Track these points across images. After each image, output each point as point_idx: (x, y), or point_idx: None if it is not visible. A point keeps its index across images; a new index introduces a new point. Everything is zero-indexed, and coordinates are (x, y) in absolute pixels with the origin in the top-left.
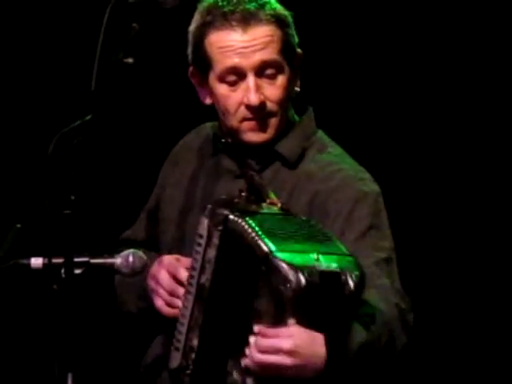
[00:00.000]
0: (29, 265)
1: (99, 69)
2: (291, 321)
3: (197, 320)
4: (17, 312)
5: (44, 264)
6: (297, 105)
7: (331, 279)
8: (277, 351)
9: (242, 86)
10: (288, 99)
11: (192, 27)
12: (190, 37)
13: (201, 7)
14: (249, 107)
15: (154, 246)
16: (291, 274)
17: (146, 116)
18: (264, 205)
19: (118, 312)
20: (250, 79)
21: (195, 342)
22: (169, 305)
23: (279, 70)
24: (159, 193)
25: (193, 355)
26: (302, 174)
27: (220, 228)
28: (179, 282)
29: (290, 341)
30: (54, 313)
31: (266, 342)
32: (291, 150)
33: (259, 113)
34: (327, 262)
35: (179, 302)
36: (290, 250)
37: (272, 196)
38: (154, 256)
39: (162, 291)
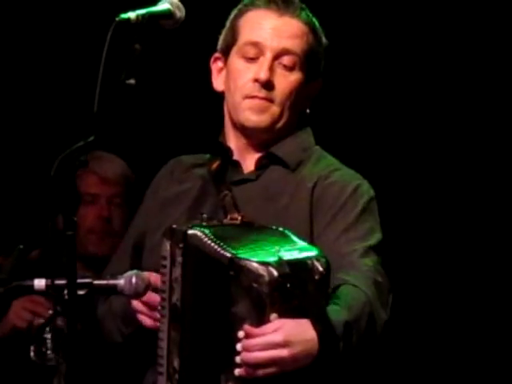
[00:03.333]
0: (32, 286)
1: (101, 90)
2: (273, 315)
3: (174, 341)
4: (19, 332)
5: (47, 285)
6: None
7: (299, 266)
8: (270, 346)
9: (258, 63)
10: (292, 103)
11: (232, 14)
12: (228, 22)
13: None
14: (256, 81)
15: None
16: (261, 269)
17: (148, 136)
18: (225, 220)
19: (106, 344)
20: (268, 57)
21: (176, 363)
22: (152, 318)
23: (296, 66)
24: (144, 222)
25: (176, 376)
26: (303, 174)
27: (181, 245)
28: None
29: (280, 333)
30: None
31: (255, 341)
32: (290, 155)
33: (263, 91)
34: (290, 253)
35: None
36: (252, 250)
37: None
38: None
39: (141, 307)
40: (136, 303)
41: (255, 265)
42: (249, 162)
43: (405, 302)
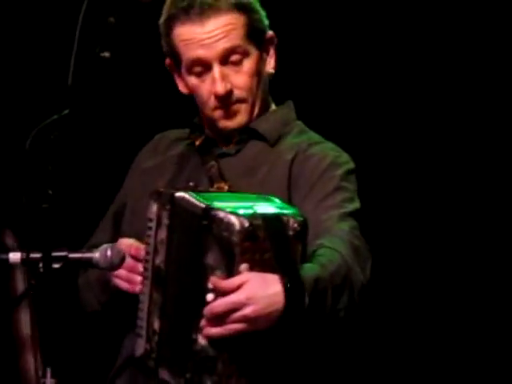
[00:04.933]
0: (7, 260)
1: (76, 63)
2: (243, 266)
3: (156, 302)
4: None
5: (22, 259)
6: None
7: (273, 220)
8: (233, 306)
9: (209, 76)
10: (259, 83)
11: (161, 20)
12: (160, 30)
13: (167, 0)
14: (217, 97)
15: None
16: (233, 219)
17: (123, 110)
18: (211, 189)
19: (84, 315)
20: (215, 69)
21: (156, 325)
22: (129, 282)
23: (245, 55)
24: (125, 194)
25: (156, 338)
26: (282, 148)
27: (168, 207)
28: (137, 259)
29: (242, 291)
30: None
31: (218, 303)
32: (269, 130)
33: (227, 101)
34: (265, 208)
35: (138, 278)
36: (229, 204)
37: (221, 184)
38: None
39: (120, 270)
40: None
41: (227, 214)
42: (227, 138)
43: (404, 300)
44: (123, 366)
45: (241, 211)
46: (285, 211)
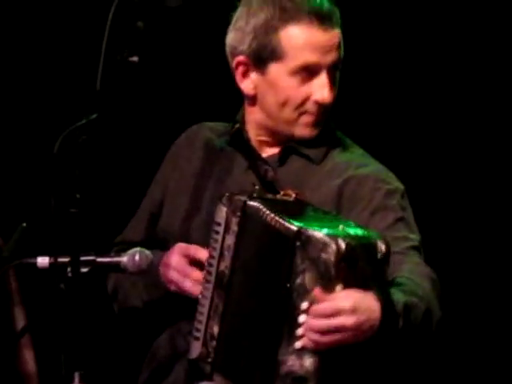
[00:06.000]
0: (35, 264)
1: (104, 68)
2: (339, 286)
3: (217, 308)
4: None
5: (50, 263)
6: None
7: (365, 242)
8: (338, 312)
9: (313, 81)
10: None
11: (260, 17)
12: (254, 26)
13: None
14: (319, 103)
15: (152, 247)
16: (329, 241)
17: (151, 115)
18: (278, 196)
19: (120, 311)
20: (325, 76)
21: (216, 330)
22: (180, 287)
23: (339, 69)
24: (161, 191)
25: (213, 343)
26: (328, 168)
27: (238, 214)
28: (192, 263)
29: (349, 299)
30: (60, 312)
31: (324, 306)
32: (314, 150)
33: (324, 109)
34: (354, 230)
35: (189, 284)
36: (316, 223)
37: (287, 190)
38: (158, 253)
39: (173, 273)
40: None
41: (323, 236)
42: (268, 149)
43: None
44: (165, 364)
45: (335, 232)
46: (371, 233)
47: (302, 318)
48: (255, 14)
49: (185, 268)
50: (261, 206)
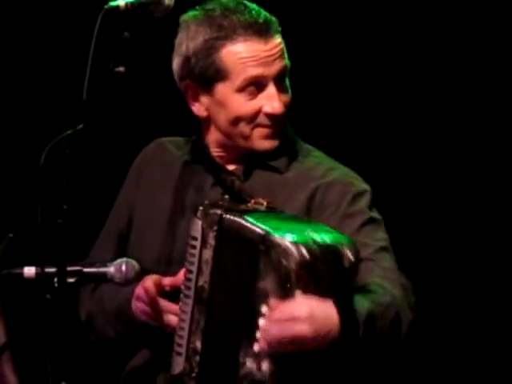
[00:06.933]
0: (21, 274)
1: (91, 78)
2: (298, 292)
3: (198, 322)
4: (9, 322)
5: (37, 273)
6: None
7: (330, 250)
8: (293, 319)
9: (261, 94)
10: None
11: (198, 40)
12: (194, 50)
13: (200, 20)
14: (268, 115)
15: None
16: (291, 246)
17: (138, 125)
18: (249, 205)
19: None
20: (272, 88)
21: (198, 345)
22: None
23: (286, 76)
24: (127, 212)
25: (197, 358)
26: (295, 178)
27: (215, 228)
28: (162, 293)
29: (304, 307)
30: (47, 322)
31: (280, 314)
32: (279, 161)
33: (276, 121)
34: (321, 237)
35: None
36: (286, 229)
37: (258, 199)
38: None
39: (141, 306)
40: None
41: (286, 242)
42: (231, 165)
43: None
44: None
45: (300, 239)
46: (340, 240)
47: (261, 322)
48: (193, 38)
49: (152, 299)
50: (237, 219)
